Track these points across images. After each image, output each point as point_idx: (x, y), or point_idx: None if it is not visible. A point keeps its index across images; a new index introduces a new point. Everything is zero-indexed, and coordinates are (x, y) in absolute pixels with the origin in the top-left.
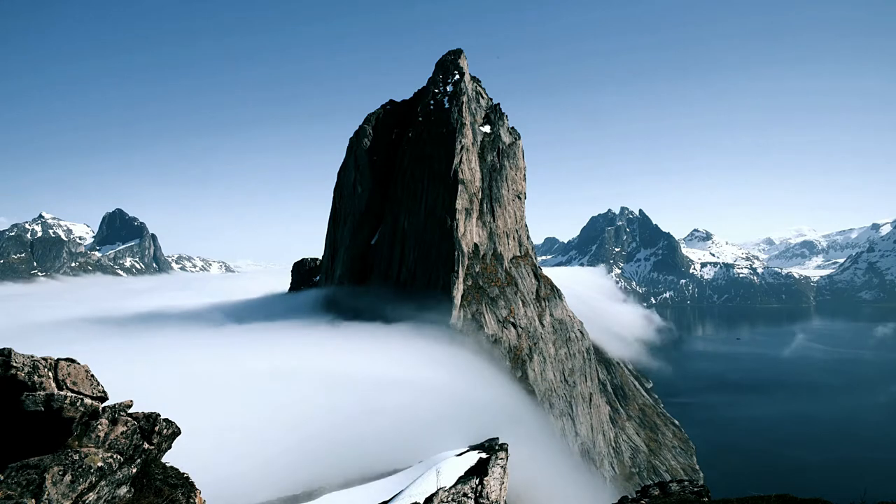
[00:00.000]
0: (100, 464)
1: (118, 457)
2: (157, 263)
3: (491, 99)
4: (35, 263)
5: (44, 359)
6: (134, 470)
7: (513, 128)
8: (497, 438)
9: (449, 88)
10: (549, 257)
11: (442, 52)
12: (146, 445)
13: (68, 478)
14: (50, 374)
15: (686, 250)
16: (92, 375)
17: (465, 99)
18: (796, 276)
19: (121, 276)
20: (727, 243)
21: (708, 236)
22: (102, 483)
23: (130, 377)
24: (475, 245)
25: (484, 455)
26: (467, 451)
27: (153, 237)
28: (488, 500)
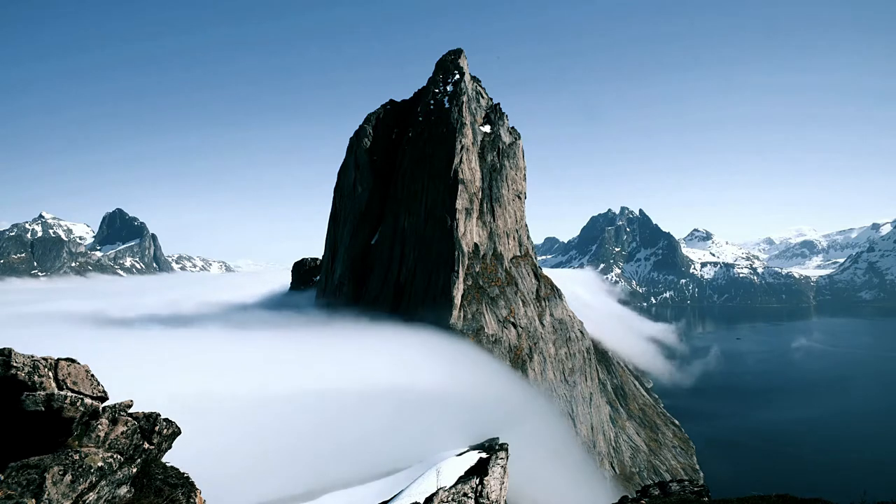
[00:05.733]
0: (100, 464)
1: (118, 457)
2: (157, 263)
3: (491, 99)
4: (35, 263)
5: (44, 359)
6: (134, 470)
7: (513, 127)
8: (497, 438)
9: (449, 88)
10: (549, 257)
11: (442, 52)
12: (146, 445)
13: (68, 478)
14: (50, 373)
15: (686, 250)
16: (92, 375)
17: (465, 99)
18: (796, 275)
19: (121, 275)
20: (727, 243)
21: (708, 236)
22: (102, 483)
23: (132, 377)
24: (475, 245)
25: (484, 455)
26: (467, 450)
27: (153, 237)
28: (488, 500)
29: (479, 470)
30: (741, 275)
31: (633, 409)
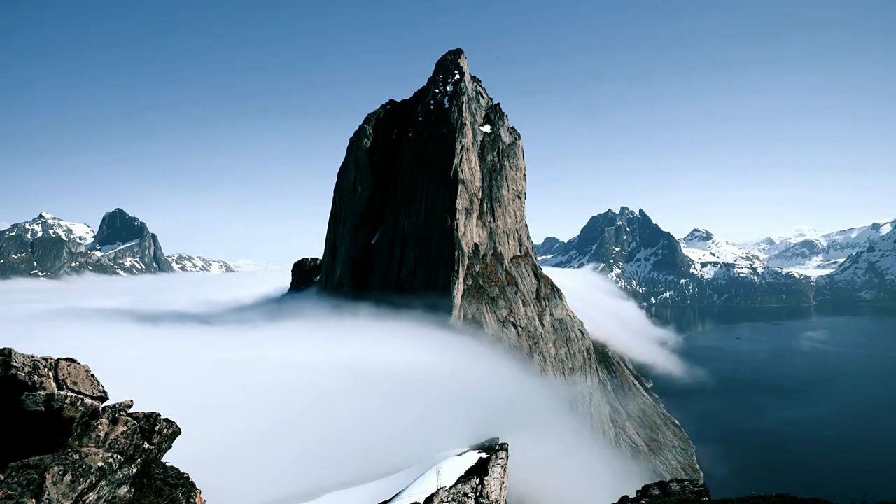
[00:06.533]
0: (100, 464)
1: (118, 457)
2: (157, 263)
3: (491, 99)
4: (35, 263)
5: (44, 359)
6: (134, 470)
7: (513, 127)
8: (497, 438)
9: (449, 88)
10: (549, 257)
11: (442, 52)
12: (146, 445)
13: (68, 478)
14: (50, 373)
15: (686, 250)
16: (92, 375)
17: (465, 99)
18: (796, 275)
19: (121, 275)
20: (727, 243)
21: (708, 236)
22: (103, 483)
23: (131, 376)
24: (475, 245)
25: (484, 455)
26: (467, 451)
27: (153, 237)
28: (488, 499)
29: (479, 470)
30: (741, 275)
31: (632, 409)
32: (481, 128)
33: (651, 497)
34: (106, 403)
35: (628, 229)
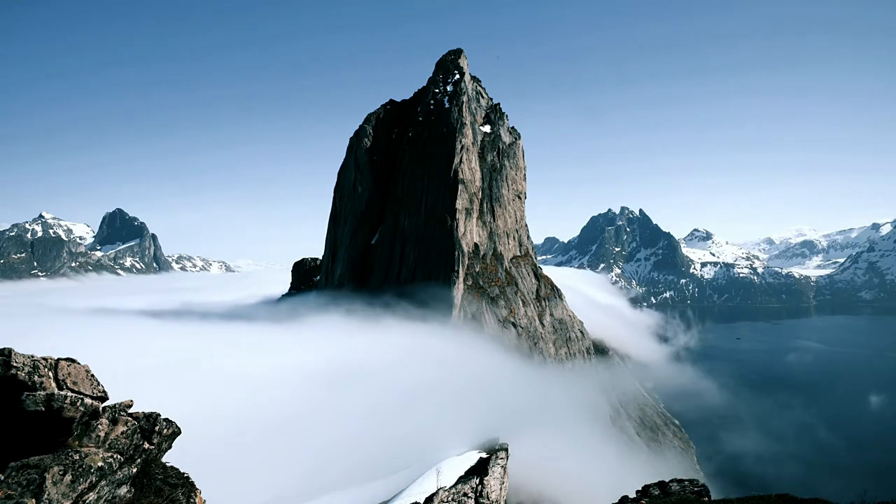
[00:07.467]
0: (100, 464)
1: (118, 457)
2: (157, 263)
3: (491, 99)
4: (35, 263)
5: (44, 358)
6: (134, 470)
7: (513, 127)
8: (497, 438)
9: (449, 88)
10: (549, 257)
11: (442, 52)
12: (146, 445)
13: (68, 478)
14: (50, 373)
15: (686, 250)
16: (92, 375)
17: (465, 99)
18: (796, 275)
19: (121, 275)
20: (727, 243)
21: (708, 236)
22: (103, 483)
23: (131, 376)
24: (475, 245)
25: (484, 455)
26: (467, 451)
27: (153, 237)
28: (488, 499)
29: (479, 470)
30: (741, 275)
31: (632, 410)
32: (481, 128)
33: (651, 497)
34: (106, 403)
35: (628, 229)
